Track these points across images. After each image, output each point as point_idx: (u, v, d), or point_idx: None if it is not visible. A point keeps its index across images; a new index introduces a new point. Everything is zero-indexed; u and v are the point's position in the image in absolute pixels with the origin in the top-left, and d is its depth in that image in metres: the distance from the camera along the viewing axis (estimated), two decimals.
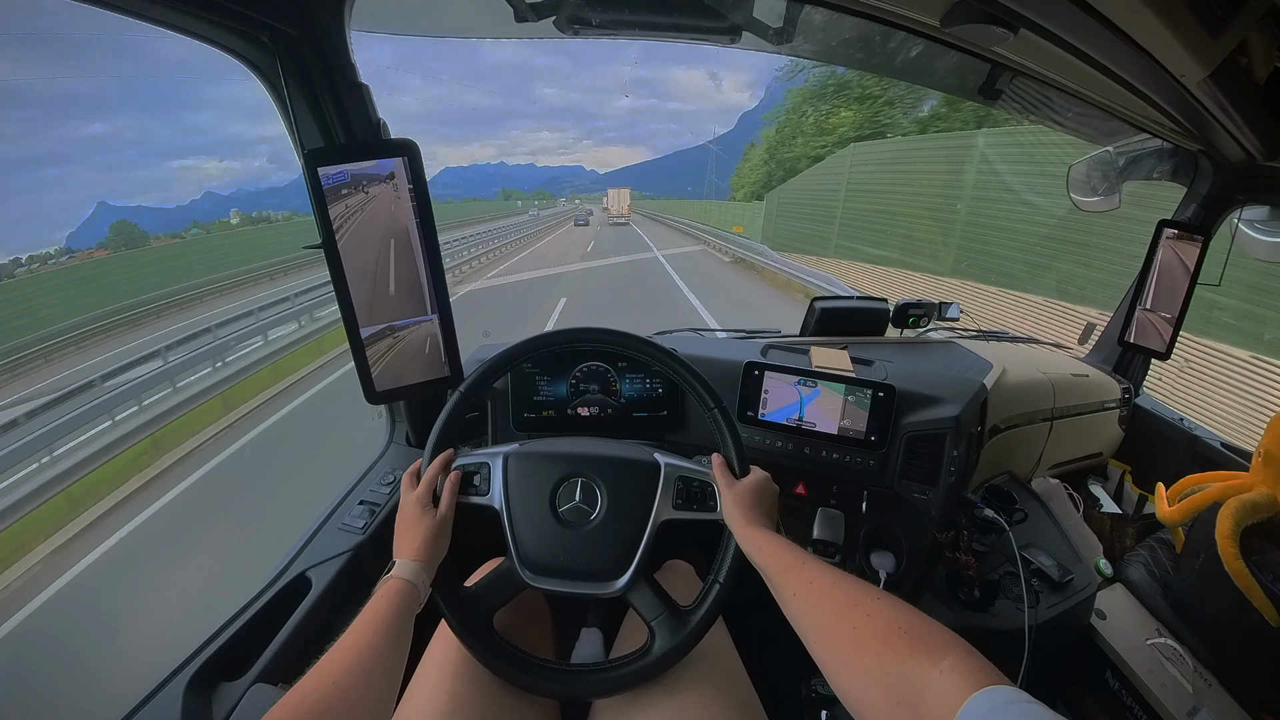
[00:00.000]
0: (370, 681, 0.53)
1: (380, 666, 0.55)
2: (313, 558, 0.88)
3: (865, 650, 0.45)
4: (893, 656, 0.43)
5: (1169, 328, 1.40)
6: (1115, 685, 1.05)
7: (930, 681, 0.39)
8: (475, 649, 0.67)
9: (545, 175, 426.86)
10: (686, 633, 0.67)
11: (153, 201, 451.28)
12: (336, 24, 0.78)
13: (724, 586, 0.69)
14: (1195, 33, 0.62)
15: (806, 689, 0.93)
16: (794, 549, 0.61)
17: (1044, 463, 1.38)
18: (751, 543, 0.64)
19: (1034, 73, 1.03)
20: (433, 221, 0.87)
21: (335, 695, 0.50)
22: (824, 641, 0.50)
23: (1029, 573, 0.98)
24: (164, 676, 0.70)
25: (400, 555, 0.66)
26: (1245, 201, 1.34)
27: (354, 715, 0.50)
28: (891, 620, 0.46)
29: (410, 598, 0.62)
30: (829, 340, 1.36)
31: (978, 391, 1.05)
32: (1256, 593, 0.93)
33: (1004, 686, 0.36)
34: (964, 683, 0.37)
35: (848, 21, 0.95)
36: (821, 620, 0.51)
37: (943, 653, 0.41)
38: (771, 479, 0.75)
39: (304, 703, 0.48)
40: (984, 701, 0.35)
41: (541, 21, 0.87)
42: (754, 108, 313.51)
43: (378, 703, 0.54)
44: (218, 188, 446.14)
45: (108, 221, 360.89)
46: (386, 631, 0.58)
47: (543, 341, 0.80)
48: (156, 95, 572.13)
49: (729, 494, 0.71)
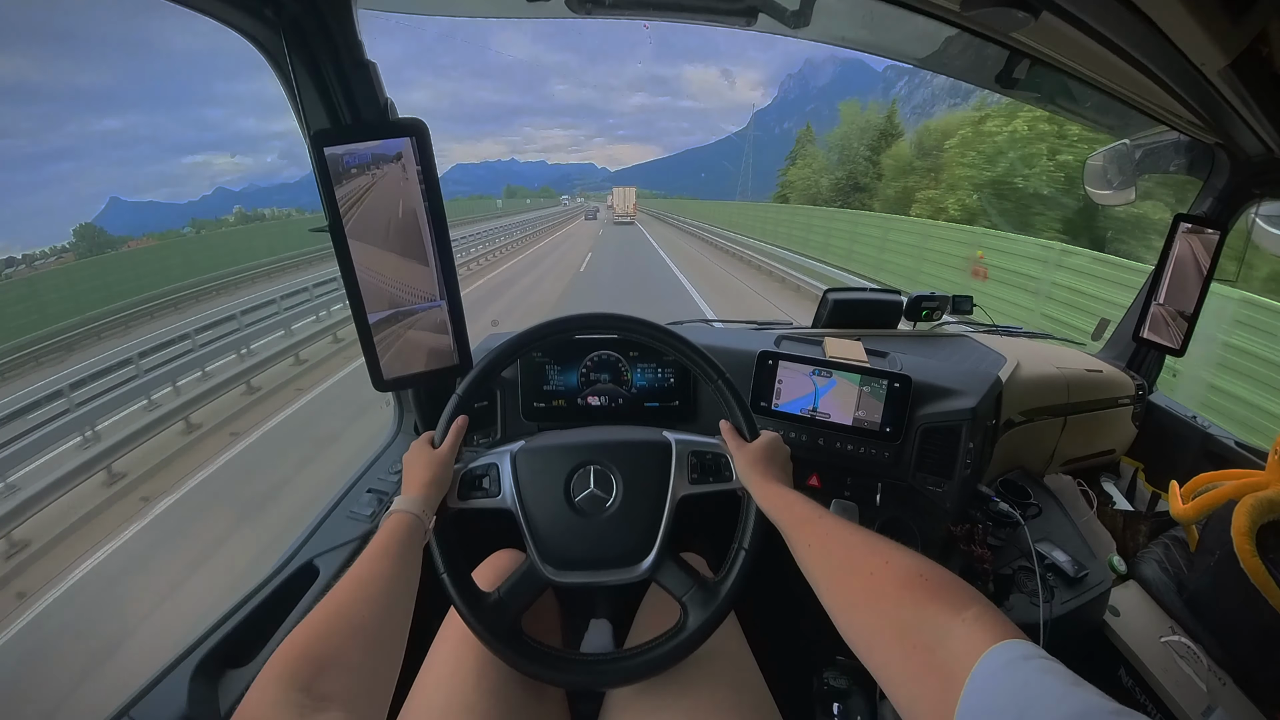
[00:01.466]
0: (378, 607, 0.52)
1: (388, 593, 0.54)
2: (320, 545, 0.87)
3: (882, 595, 0.45)
4: (910, 601, 0.42)
5: (1184, 323, 1.38)
6: (1129, 683, 1.04)
7: (951, 629, 0.38)
8: (507, 656, 0.65)
9: (557, 173, 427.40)
10: (718, 603, 0.66)
11: (164, 197, 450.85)
12: (343, 1, 0.76)
13: (749, 553, 0.68)
14: (1217, 18, 0.60)
15: (818, 682, 0.92)
16: (810, 503, 0.60)
17: (1057, 458, 1.37)
18: (768, 499, 0.64)
19: (1052, 60, 1.01)
20: (441, 204, 0.85)
21: (343, 625, 0.48)
22: (838, 588, 0.49)
23: (1043, 568, 0.97)
24: (169, 662, 0.68)
25: (406, 492, 0.66)
26: (1263, 196, 1.32)
27: (363, 644, 0.48)
28: (913, 567, 0.45)
29: (413, 528, 0.61)
30: (842, 333, 1.34)
31: (994, 384, 1.03)
32: (1272, 590, 0.92)
33: (1023, 641, 0.35)
34: (985, 634, 0.36)
35: (865, 4, 0.93)
36: (838, 569, 0.51)
37: (965, 605, 0.40)
38: (781, 439, 0.74)
39: (311, 637, 0.46)
40: (1003, 654, 0.34)
41: (553, 1, 0.85)
42: (767, 105, 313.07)
43: (388, 628, 0.52)
44: (229, 183, 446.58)
45: (120, 216, 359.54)
46: (392, 560, 0.56)
47: (548, 329, 0.79)
48: (169, 91, 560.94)
49: (741, 457, 0.70)
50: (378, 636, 0.50)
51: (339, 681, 0.43)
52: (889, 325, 1.45)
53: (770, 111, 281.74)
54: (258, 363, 6.67)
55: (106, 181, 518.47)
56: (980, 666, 0.34)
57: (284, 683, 0.41)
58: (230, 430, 5.29)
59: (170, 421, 5.20)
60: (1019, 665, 0.33)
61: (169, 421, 5.19)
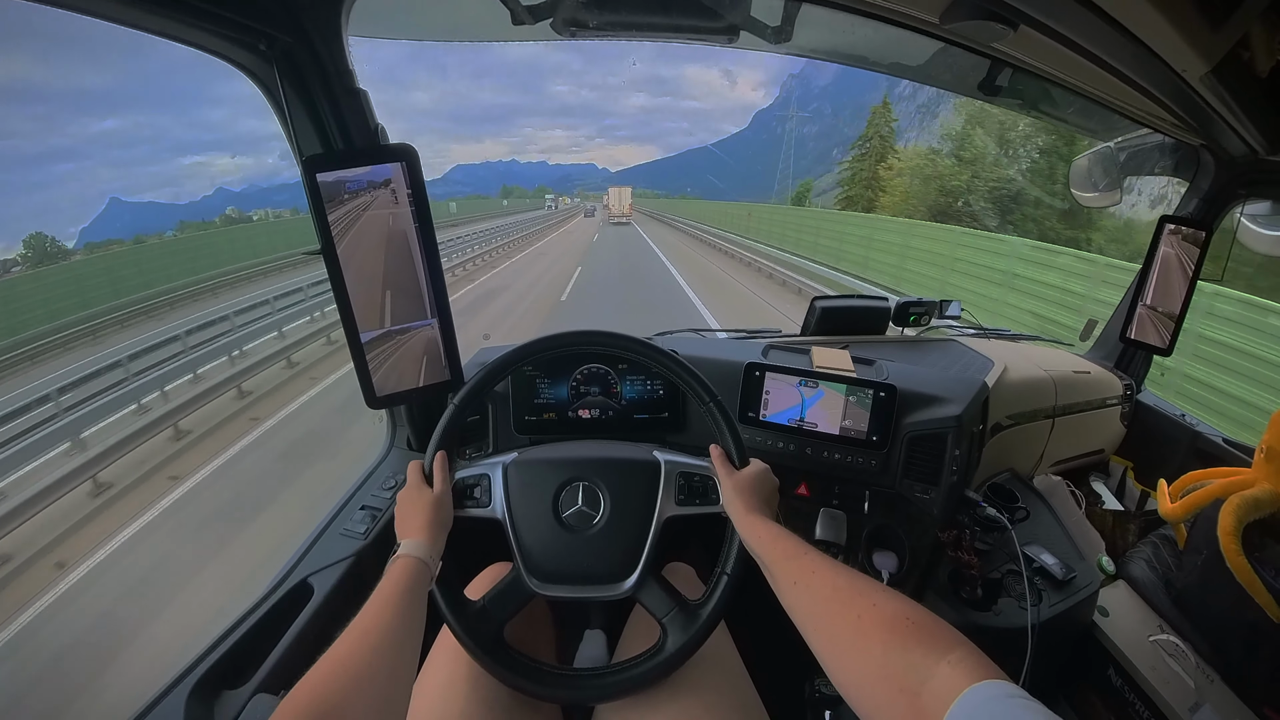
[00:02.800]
0: (384, 661, 0.51)
1: (394, 645, 0.53)
2: (314, 564, 0.88)
3: (869, 639, 0.45)
4: (898, 645, 0.43)
5: (1170, 323, 1.39)
6: (1118, 682, 1.06)
7: (935, 672, 0.39)
8: (488, 665, 0.66)
9: (558, 173, 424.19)
10: (698, 627, 0.68)
11: (165, 198, 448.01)
12: (333, 31, 0.78)
13: (732, 578, 0.70)
14: (1196, 26, 0.61)
15: (810, 689, 0.94)
16: (793, 538, 0.61)
17: (1046, 460, 1.38)
18: (750, 531, 0.65)
19: (1034, 68, 1.03)
20: (431, 225, 0.87)
21: (348, 681, 0.48)
22: (824, 630, 0.50)
23: (1031, 571, 0.98)
24: (167, 684, 0.70)
25: (405, 537, 0.66)
26: (1248, 196, 1.34)
27: (368, 698, 0.48)
28: (899, 611, 0.46)
29: (420, 574, 0.62)
30: (830, 340, 1.36)
31: (979, 390, 1.05)
32: (1259, 589, 0.93)
33: (1002, 681, 0.37)
34: (966, 676, 0.37)
35: (846, 19, 0.95)
36: (822, 609, 0.51)
37: (949, 648, 0.41)
38: (770, 470, 0.75)
39: (314, 692, 0.46)
40: (981, 692, 0.36)
41: (539, 25, 0.87)
42: (768, 106, 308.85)
43: (393, 683, 0.51)
44: (230, 184, 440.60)
45: (120, 217, 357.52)
46: (398, 610, 0.56)
47: (539, 345, 0.80)
48: (170, 92, 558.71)
49: (728, 484, 0.71)
50: (384, 689, 0.50)
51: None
52: (877, 331, 1.47)
53: (771, 111, 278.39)
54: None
55: (106, 182, 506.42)
56: (959, 705, 0.35)
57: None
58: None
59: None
60: (998, 703, 0.35)
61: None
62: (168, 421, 5.37)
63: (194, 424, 5.60)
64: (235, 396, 6.24)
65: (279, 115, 0.82)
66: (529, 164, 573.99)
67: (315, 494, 4.14)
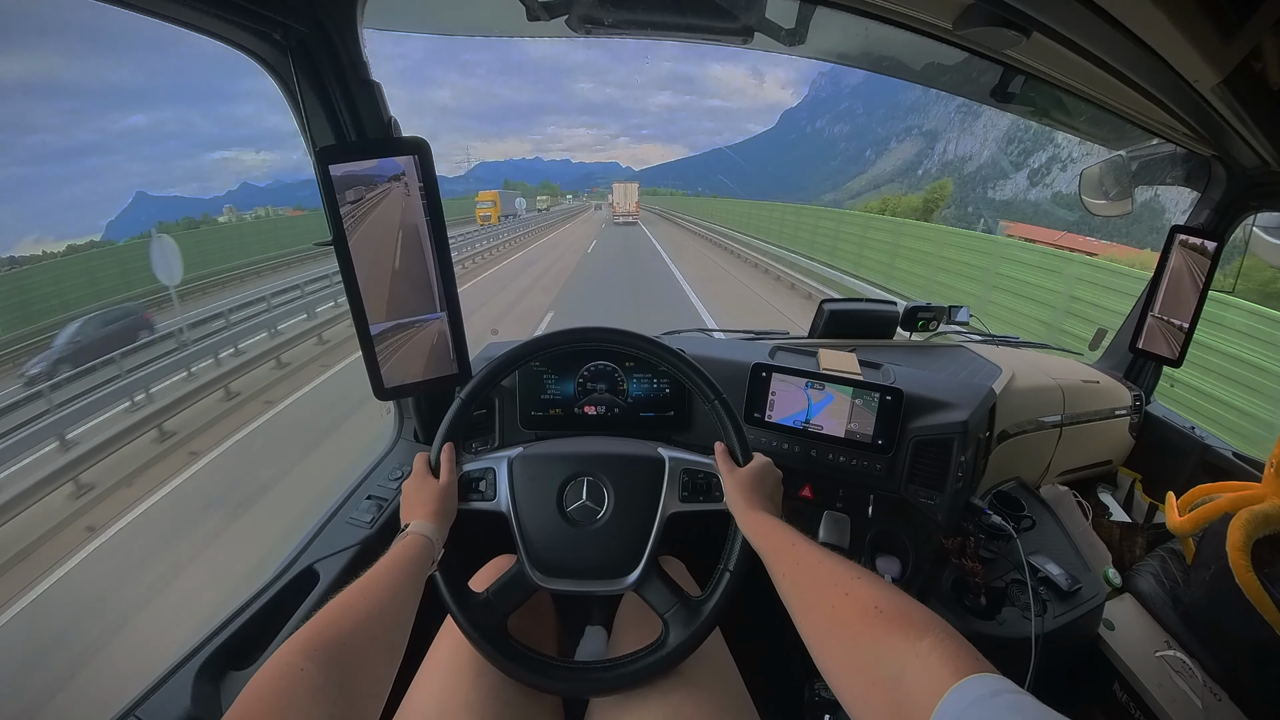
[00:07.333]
0: (382, 613, 0.53)
1: (397, 607, 0.55)
2: (320, 551, 0.89)
3: (843, 629, 0.45)
4: (869, 635, 0.42)
5: (1181, 334, 1.38)
6: (1123, 698, 1.04)
7: (907, 663, 0.38)
8: (491, 656, 0.67)
9: (580, 171, 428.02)
10: (700, 623, 0.68)
11: (190, 192, 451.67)
12: (348, 22, 0.78)
13: (734, 575, 0.70)
14: (1208, 37, 0.61)
15: (810, 692, 0.93)
16: (788, 530, 0.61)
17: (1053, 469, 1.37)
18: (750, 525, 0.65)
19: (1047, 76, 1.03)
20: (442, 219, 0.87)
21: (348, 621, 0.50)
22: (807, 620, 0.50)
23: (1036, 581, 0.97)
24: (174, 664, 0.70)
25: (411, 518, 0.67)
26: (1259, 208, 1.33)
27: (367, 639, 0.50)
28: (869, 599, 0.45)
29: (426, 551, 0.63)
30: (837, 343, 1.35)
31: (986, 397, 1.04)
32: (1268, 606, 0.92)
33: (988, 675, 0.34)
34: (942, 668, 0.36)
35: (860, 23, 0.95)
36: (806, 600, 0.51)
37: (920, 633, 0.39)
38: (774, 464, 0.75)
39: (328, 621, 0.48)
40: (968, 691, 0.33)
41: (553, 21, 0.87)
42: (795, 105, 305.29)
43: (388, 635, 0.54)
44: (255, 179, 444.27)
45: (146, 211, 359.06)
46: (399, 574, 0.58)
47: (547, 341, 0.81)
48: (198, 88, 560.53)
49: (731, 480, 0.71)
50: (380, 639, 0.52)
51: (343, 668, 0.46)
52: (885, 335, 1.46)
53: (800, 111, 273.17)
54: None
55: (134, 176, 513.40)
56: (944, 707, 0.33)
57: (300, 654, 0.44)
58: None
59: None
60: (986, 703, 0.32)
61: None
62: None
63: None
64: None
65: (293, 106, 0.82)
66: (552, 161, 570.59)
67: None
